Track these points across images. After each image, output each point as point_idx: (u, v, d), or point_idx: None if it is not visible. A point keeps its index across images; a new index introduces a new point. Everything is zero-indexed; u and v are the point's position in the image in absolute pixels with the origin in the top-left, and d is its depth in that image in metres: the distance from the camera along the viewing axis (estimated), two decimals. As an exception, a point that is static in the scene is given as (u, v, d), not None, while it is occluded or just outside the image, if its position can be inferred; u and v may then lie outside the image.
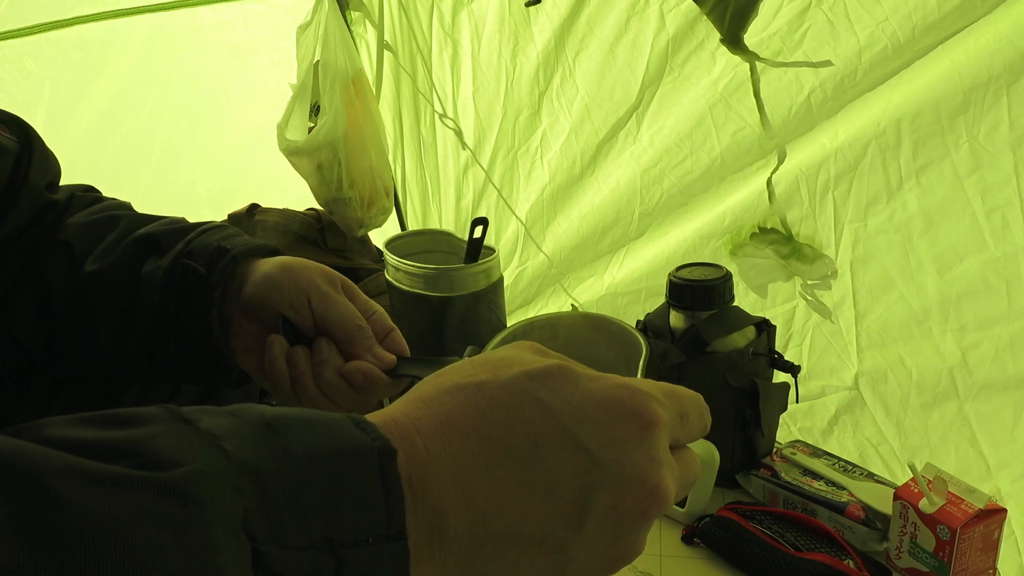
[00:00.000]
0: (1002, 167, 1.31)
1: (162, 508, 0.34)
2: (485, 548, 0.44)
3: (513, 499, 0.44)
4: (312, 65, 2.46)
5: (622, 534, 0.47)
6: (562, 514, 0.44)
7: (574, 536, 0.45)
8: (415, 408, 0.45)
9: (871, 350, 1.58)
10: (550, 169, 2.18)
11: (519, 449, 0.44)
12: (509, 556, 0.44)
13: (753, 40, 1.60)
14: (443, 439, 0.44)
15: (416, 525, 0.42)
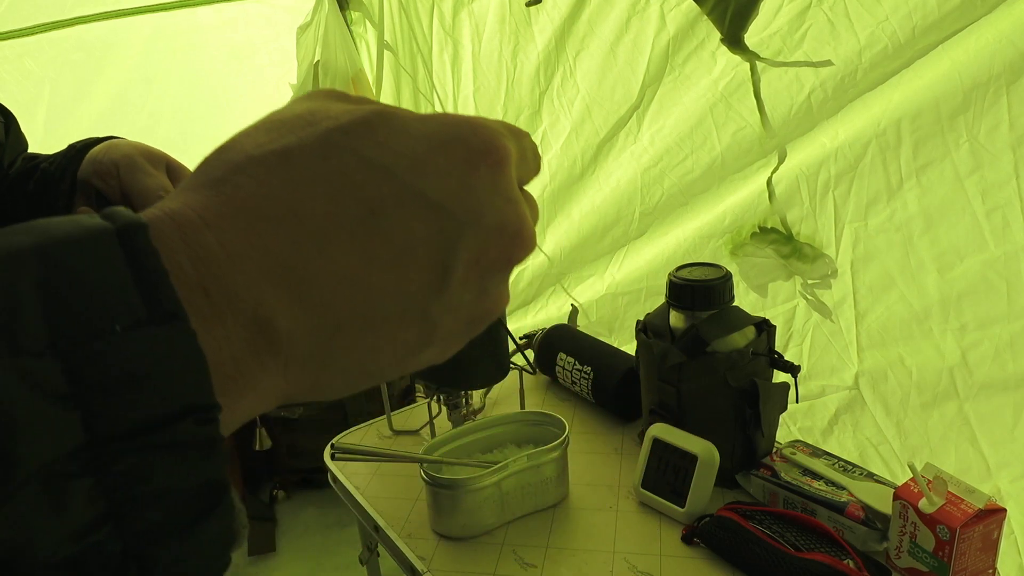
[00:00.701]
0: (1002, 167, 1.31)
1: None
2: (336, 341, 0.38)
3: (357, 280, 0.37)
4: (312, 65, 2.46)
5: (487, 288, 0.41)
6: (420, 282, 0.39)
7: (437, 301, 0.39)
8: (200, 196, 0.36)
9: (871, 350, 1.58)
10: (551, 169, 2.18)
11: (353, 221, 0.37)
12: (366, 342, 0.38)
13: (753, 40, 1.60)
14: (246, 230, 0.35)
15: (229, 336, 0.34)
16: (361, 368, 0.40)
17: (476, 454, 1.34)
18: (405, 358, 0.41)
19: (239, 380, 0.35)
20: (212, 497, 0.33)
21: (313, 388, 0.39)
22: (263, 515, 2.21)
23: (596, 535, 1.24)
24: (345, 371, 0.40)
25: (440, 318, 0.40)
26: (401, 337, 0.40)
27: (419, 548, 1.24)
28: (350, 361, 0.39)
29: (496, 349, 1.40)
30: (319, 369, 0.38)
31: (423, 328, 0.40)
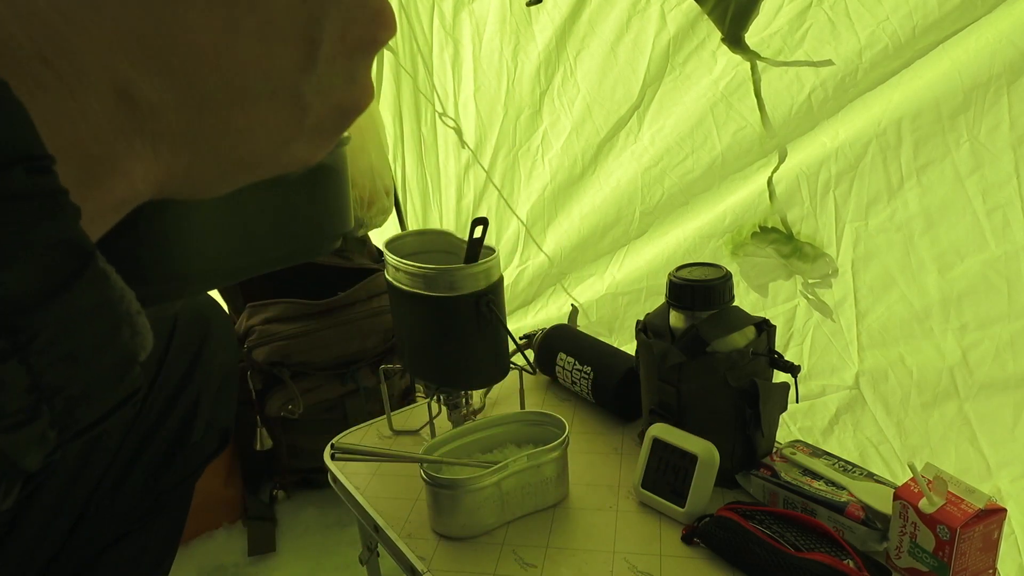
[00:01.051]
0: (1003, 166, 1.31)
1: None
2: (205, 118, 0.37)
3: (223, 49, 0.36)
4: (313, 65, 2.46)
5: (355, 74, 0.42)
6: (287, 57, 0.38)
7: (306, 80, 0.39)
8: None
9: (872, 349, 1.58)
10: (551, 168, 2.18)
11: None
12: (237, 122, 0.38)
13: (754, 39, 1.60)
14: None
15: (84, 111, 0.33)
16: (234, 152, 0.39)
17: (476, 454, 1.34)
18: (277, 148, 0.41)
19: (105, 162, 0.34)
20: (74, 260, 0.31)
21: (188, 176, 0.38)
22: (263, 515, 2.20)
23: (596, 535, 1.24)
24: (218, 154, 0.38)
25: (311, 101, 0.40)
26: (272, 120, 0.39)
27: (419, 548, 1.24)
28: (223, 144, 0.38)
29: (496, 349, 1.40)
30: (191, 152, 0.37)
31: (294, 111, 0.39)
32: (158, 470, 1.12)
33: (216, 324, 1.19)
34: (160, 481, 1.13)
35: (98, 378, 0.33)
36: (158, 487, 1.13)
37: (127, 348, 0.34)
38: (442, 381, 1.44)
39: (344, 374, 2.20)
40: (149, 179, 0.36)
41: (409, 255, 1.39)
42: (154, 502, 1.14)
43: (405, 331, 1.43)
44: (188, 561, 2.09)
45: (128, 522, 1.12)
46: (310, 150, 0.43)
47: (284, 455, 2.26)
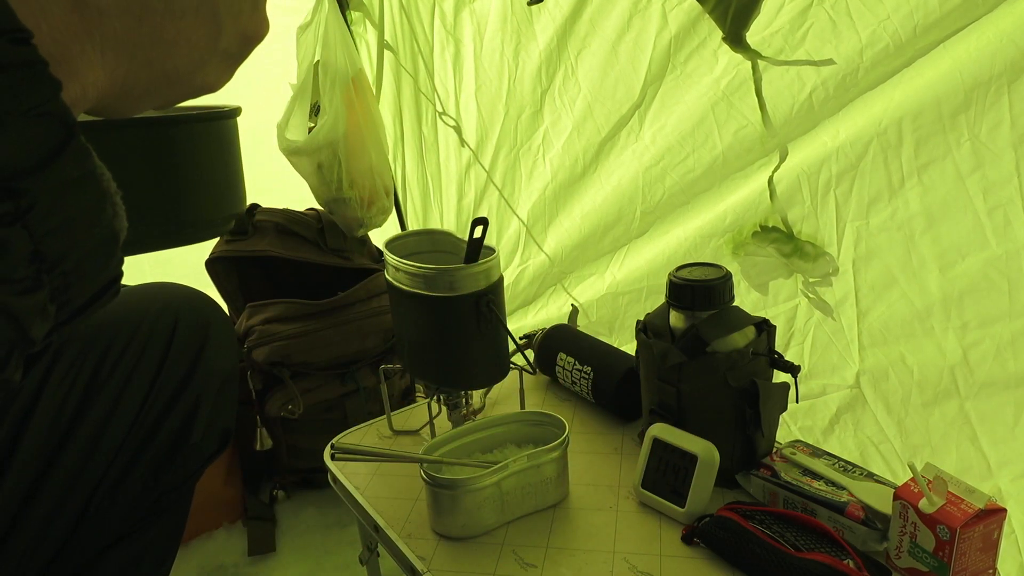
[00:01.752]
0: (1004, 165, 1.31)
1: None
2: (143, 27, 0.41)
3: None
4: (312, 65, 2.46)
5: (257, 2, 0.47)
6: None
7: (222, 1, 0.44)
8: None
9: (873, 348, 1.57)
10: (552, 167, 2.18)
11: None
12: (168, 34, 0.42)
13: (755, 38, 1.60)
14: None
15: (44, 8, 0.37)
16: (163, 64, 0.43)
17: (476, 454, 1.34)
18: (195, 66, 0.45)
19: (62, 63, 0.37)
20: (59, 131, 0.34)
21: (124, 86, 0.42)
22: (263, 515, 2.20)
23: (596, 535, 1.24)
24: (150, 65, 0.42)
25: (224, 21, 0.45)
26: (194, 35, 0.43)
27: (419, 548, 1.24)
28: (154, 53, 0.42)
29: (496, 349, 1.40)
30: (129, 59, 0.41)
31: (211, 28, 0.44)
32: (158, 471, 1.12)
33: (216, 325, 1.19)
34: (160, 482, 1.13)
35: (89, 253, 0.36)
36: (158, 488, 1.13)
37: (111, 225, 0.37)
38: (442, 381, 1.44)
39: (344, 374, 2.20)
40: (96, 85, 0.40)
41: (409, 255, 1.39)
42: (155, 503, 1.14)
43: (405, 331, 1.43)
44: (188, 561, 2.09)
45: (128, 523, 1.12)
46: (217, 74, 0.48)
47: (284, 455, 2.26)
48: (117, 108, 0.44)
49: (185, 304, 1.17)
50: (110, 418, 1.07)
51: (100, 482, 1.07)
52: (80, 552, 1.08)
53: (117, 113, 0.44)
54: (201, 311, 1.19)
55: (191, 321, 1.15)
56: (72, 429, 1.05)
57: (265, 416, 2.16)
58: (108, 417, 1.07)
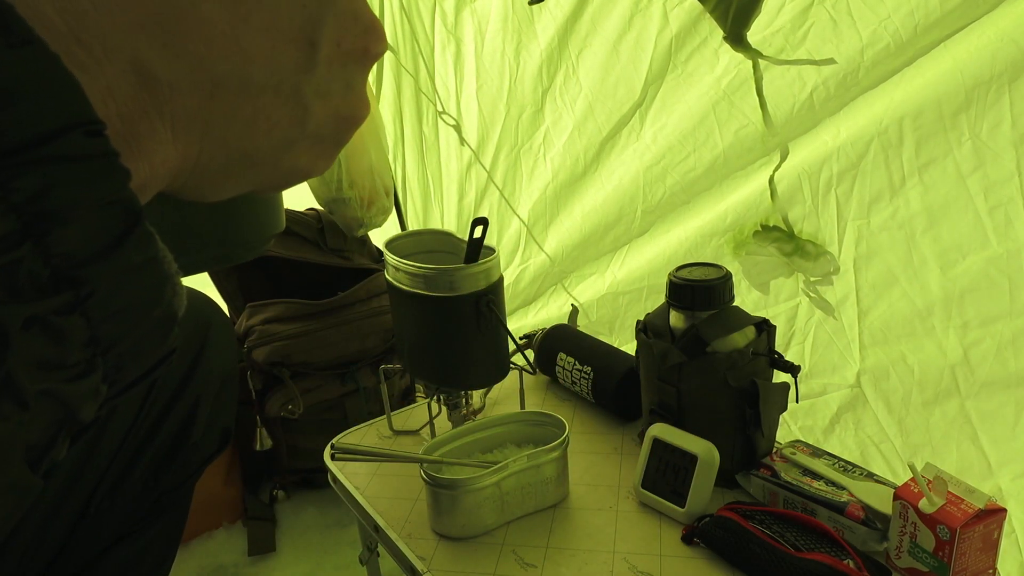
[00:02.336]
0: (1004, 164, 1.30)
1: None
2: (215, 103, 0.40)
3: (232, 40, 0.40)
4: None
5: (351, 81, 0.45)
6: (291, 55, 0.42)
7: (307, 80, 0.42)
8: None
9: (873, 347, 1.57)
10: (553, 167, 2.18)
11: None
12: (244, 112, 0.41)
13: (756, 37, 1.59)
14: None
15: (112, 88, 0.36)
16: (240, 144, 0.42)
17: (476, 454, 1.34)
18: (280, 148, 0.44)
19: (130, 140, 0.36)
20: (125, 218, 0.34)
21: (198, 166, 0.41)
22: (263, 515, 2.20)
23: (596, 535, 1.24)
24: (225, 144, 0.41)
25: (311, 102, 0.43)
26: (276, 114, 0.42)
27: (419, 548, 1.24)
28: (230, 132, 0.41)
29: (496, 349, 1.40)
30: (202, 136, 0.40)
31: (295, 109, 0.43)
32: (158, 471, 1.12)
33: (216, 325, 1.19)
34: (160, 481, 1.13)
35: (146, 334, 0.36)
36: (158, 488, 1.13)
37: (170, 305, 0.37)
38: (442, 381, 1.44)
39: (344, 374, 2.20)
40: (167, 164, 0.39)
41: (409, 255, 1.39)
42: (154, 503, 1.14)
43: (405, 331, 1.43)
44: (188, 561, 2.09)
45: (128, 523, 1.12)
46: (310, 158, 0.46)
47: (284, 455, 2.26)
48: (196, 189, 0.43)
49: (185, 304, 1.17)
50: (109, 418, 1.07)
51: (100, 482, 1.07)
52: (80, 552, 1.08)
53: (199, 195, 0.43)
54: (201, 311, 1.19)
55: (191, 321, 1.15)
56: (71, 429, 1.05)
57: (265, 416, 2.16)
58: (107, 417, 1.06)
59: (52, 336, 0.31)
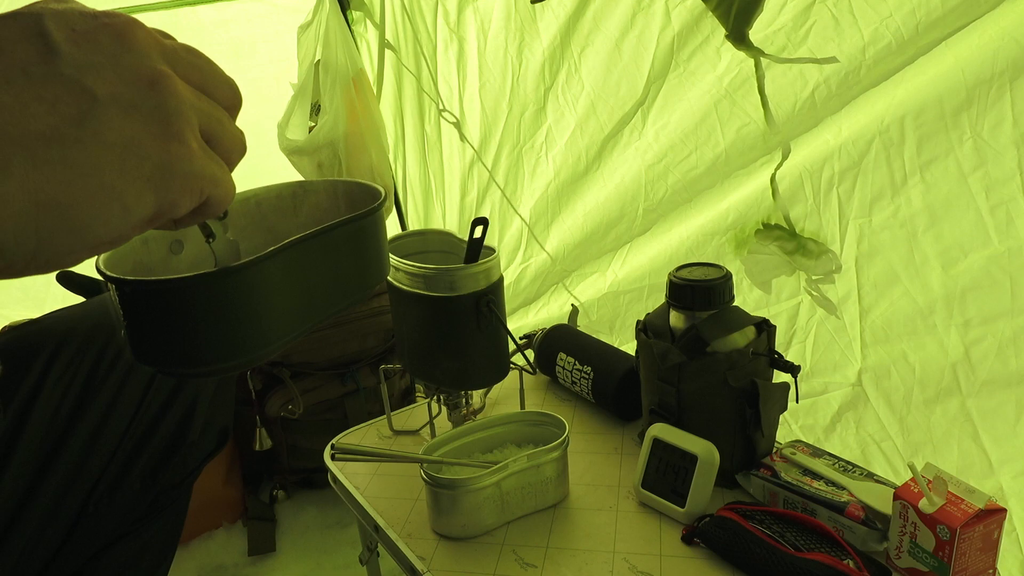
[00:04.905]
0: (1006, 163, 1.30)
1: None
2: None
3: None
4: (313, 65, 2.46)
5: (115, 53, 0.44)
6: (26, 52, 0.42)
7: (57, 61, 0.42)
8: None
9: (875, 346, 1.57)
10: (555, 165, 2.18)
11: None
12: (4, 100, 0.40)
13: (758, 36, 1.59)
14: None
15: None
16: (25, 128, 0.41)
17: (476, 454, 1.34)
18: (82, 117, 0.42)
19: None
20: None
21: (10, 170, 0.40)
22: (263, 515, 2.21)
23: (596, 535, 1.24)
24: (7, 134, 0.40)
25: (79, 75, 0.43)
26: (47, 94, 0.41)
27: (419, 548, 1.24)
28: (4, 120, 0.40)
29: (496, 349, 1.40)
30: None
31: (66, 85, 0.42)
32: (156, 470, 1.12)
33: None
34: (159, 480, 1.13)
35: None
36: (157, 486, 1.13)
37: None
38: (442, 381, 1.43)
39: (344, 374, 2.20)
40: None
41: (409, 255, 1.39)
42: (153, 501, 1.14)
43: (405, 331, 1.43)
44: (188, 561, 2.09)
45: (127, 522, 1.12)
46: (143, 127, 0.44)
47: (284, 455, 2.27)
48: (19, 192, 0.40)
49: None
50: (107, 417, 1.07)
51: (98, 481, 1.07)
52: (79, 551, 1.08)
53: (78, 208, 0.42)
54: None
55: None
56: (70, 428, 1.05)
57: (265, 416, 2.16)
58: (105, 416, 1.07)
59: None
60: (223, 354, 0.56)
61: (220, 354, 0.56)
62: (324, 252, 0.62)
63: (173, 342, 0.57)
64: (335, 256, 0.64)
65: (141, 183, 0.44)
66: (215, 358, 0.57)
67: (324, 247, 0.65)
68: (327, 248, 0.64)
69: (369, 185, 0.76)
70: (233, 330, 0.57)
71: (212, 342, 0.57)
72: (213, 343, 0.57)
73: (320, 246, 0.64)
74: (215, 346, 0.57)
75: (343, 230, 0.66)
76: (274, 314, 0.60)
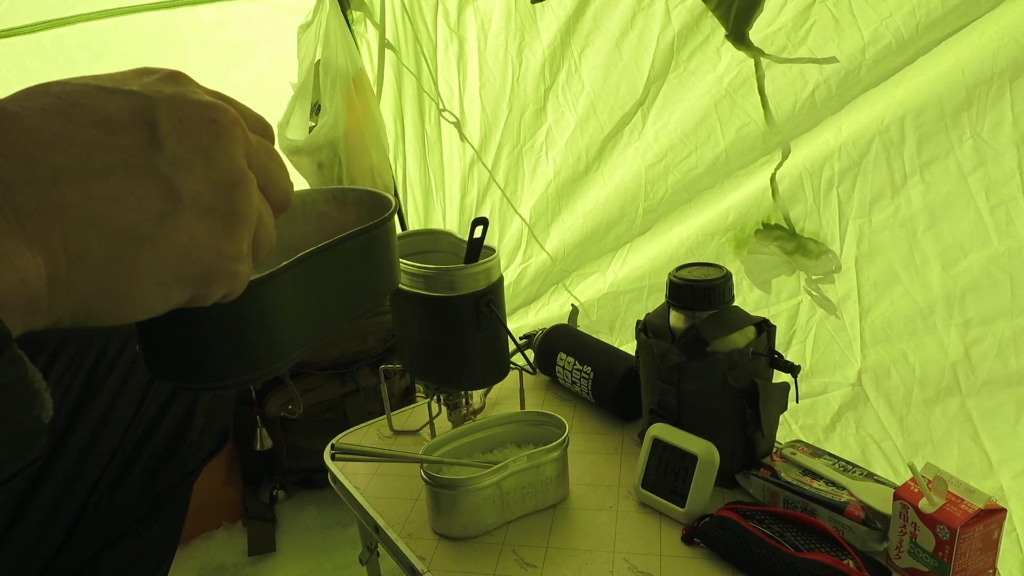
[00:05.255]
0: (1006, 163, 1.30)
1: None
2: (61, 188, 0.40)
3: (63, 137, 0.41)
4: (313, 65, 2.46)
5: (211, 151, 0.46)
6: (132, 139, 0.43)
7: (158, 156, 0.43)
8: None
9: (875, 346, 1.57)
10: (555, 165, 2.18)
11: (46, 102, 0.42)
12: (99, 191, 0.41)
13: (758, 36, 1.59)
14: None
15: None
16: (110, 222, 0.42)
17: (476, 454, 1.34)
18: (160, 218, 0.44)
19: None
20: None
21: (70, 250, 0.41)
22: (263, 515, 2.21)
23: (596, 535, 1.24)
24: (94, 225, 0.41)
25: (172, 174, 0.44)
26: (139, 190, 0.42)
27: (419, 548, 1.24)
28: (92, 210, 0.41)
29: (496, 349, 1.40)
30: (61, 220, 0.40)
31: (158, 182, 0.43)
32: (157, 469, 1.12)
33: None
34: (159, 480, 1.13)
35: (11, 450, 0.37)
36: (157, 486, 1.13)
37: (37, 420, 0.38)
38: (442, 381, 1.43)
39: (344, 374, 2.20)
40: (28, 261, 0.39)
41: (409, 255, 1.39)
42: (153, 501, 1.14)
43: (405, 331, 1.43)
44: (188, 561, 2.09)
45: (127, 522, 1.12)
46: (207, 230, 0.46)
47: (284, 455, 2.27)
48: (94, 288, 0.42)
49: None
50: (107, 417, 1.07)
51: (98, 481, 1.07)
52: (79, 551, 1.08)
53: (110, 298, 0.44)
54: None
55: None
56: (69, 428, 1.05)
57: (265, 416, 2.16)
58: (105, 416, 1.07)
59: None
60: (238, 368, 0.57)
61: (235, 368, 0.57)
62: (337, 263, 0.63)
63: (188, 357, 0.58)
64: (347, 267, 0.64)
65: (188, 282, 0.46)
66: (230, 372, 0.57)
67: (337, 258, 0.65)
68: (340, 259, 0.65)
69: (379, 194, 0.77)
70: (248, 344, 0.58)
71: (227, 356, 0.58)
72: (228, 357, 0.58)
73: (333, 258, 0.65)
74: (230, 360, 0.58)
75: (355, 241, 0.67)
76: (288, 326, 0.60)
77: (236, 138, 0.47)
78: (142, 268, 0.44)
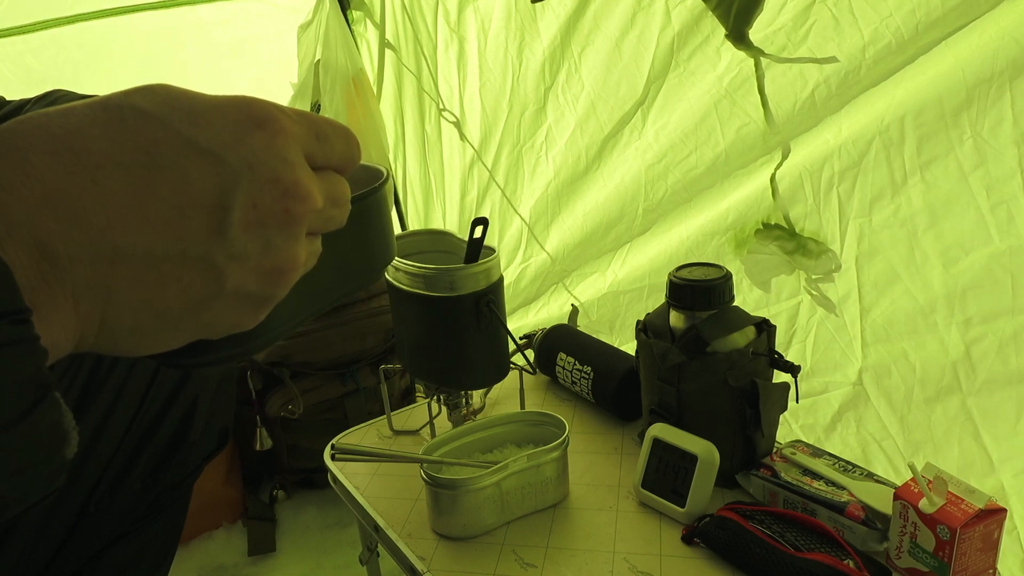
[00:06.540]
0: (1006, 162, 1.30)
1: None
2: (117, 270, 0.40)
3: (136, 211, 0.40)
4: (313, 64, 2.46)
5: (272, 241, 0.45)
6: (200, 224, 0.42)
7: (219, 246, 0.42)
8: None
9: (875, 345, 1.57)
10: (555, 165, 2.18)
11: (129, 158, 0.40)
12: (149, 277, 0.41)
13: (758, 36, 1.59)
14: (19, 162, 0.38)
15: (14, 263, 0.37)
16: (149, 306, 0.42)
17: (476, 454, 1.34)
18: (196, 305, 0.44)
19: (33, 310, 0.37)
20: (36, 391, 0.36)
21: (104, 325, 0.41)
22: (263, 515, 2.21)
23: (596, 535, 1.23)
24: (132, 307, 0.41)
25: (226, 266, 0.43)
26: (188, 278, 0.42)
27: (419, 548, 1.24)
28: (135, 296, 0.41)
29: (496, 349, 1.40)
30: (106, 301, 0.40)
31: (210, 274, 0.43)
32: (157, 469, 1.12)
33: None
34: (159, 480, 1.13)
35: (36, 485, 0.38)
36: (157, 486, 1.13)
37: (64, 459, 0.39)
38: (442, 381, 1.43)
39: (344, 374, 2.20)
40: (69, 329, 0.40)
41: (409, 255, 1.39)
42: (153, 502, 1.14)
43: (405, 331, 1.43)
44: (188, 561, 2.09)
45: (127, 522, 1.12)
46: (236, 314, 0.46)
47: (284, 455, 2.26)
48: (107, 347, 0.43)
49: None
50: (108, 417, 1.07)
51: (99, 481, 1.07)
52: (79, 551, 1.07)
53: (111, 352, 0.44)
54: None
55: None
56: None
57: (265, 416, 2.16)
58: (106, 416, 1.06)
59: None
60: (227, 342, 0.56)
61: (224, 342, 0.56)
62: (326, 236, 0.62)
63: None
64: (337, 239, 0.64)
65: (205, 334, 0.47)
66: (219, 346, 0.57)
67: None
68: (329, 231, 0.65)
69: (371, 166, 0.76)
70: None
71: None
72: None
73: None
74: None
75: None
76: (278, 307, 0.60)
77: (302, 223, 0.46)
78: (161, 338, 0.44)
